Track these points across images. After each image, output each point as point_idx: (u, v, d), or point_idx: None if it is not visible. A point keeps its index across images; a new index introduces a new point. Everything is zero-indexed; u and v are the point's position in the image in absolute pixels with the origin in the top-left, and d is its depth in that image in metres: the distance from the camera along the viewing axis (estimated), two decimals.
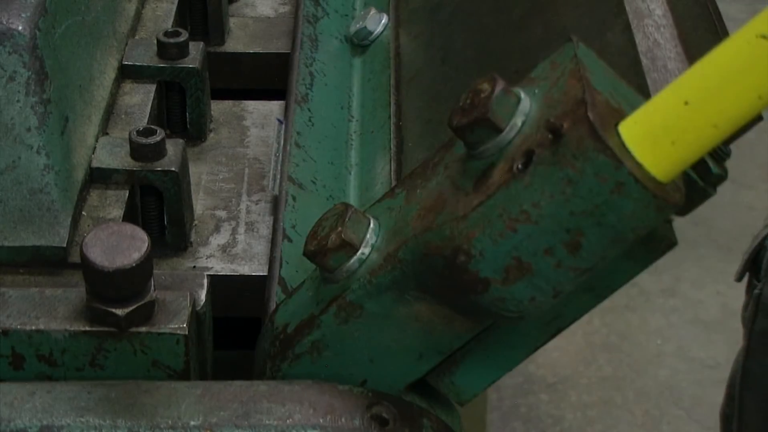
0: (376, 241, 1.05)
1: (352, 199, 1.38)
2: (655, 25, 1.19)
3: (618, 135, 0.94)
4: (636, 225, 0.94)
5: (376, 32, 1.57)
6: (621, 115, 0.96)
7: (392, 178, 1.34)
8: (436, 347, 1.06)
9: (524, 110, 0.98)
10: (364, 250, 1.05)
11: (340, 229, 1.05)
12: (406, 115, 1.38)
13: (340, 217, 1.06)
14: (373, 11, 1.59)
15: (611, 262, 0.98)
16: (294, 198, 1.32)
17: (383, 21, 1.58)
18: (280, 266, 1.24)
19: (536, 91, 0.99)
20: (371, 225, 1.06)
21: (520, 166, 0.95)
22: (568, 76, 0.97)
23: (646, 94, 1.10)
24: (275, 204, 1.34)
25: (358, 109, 1.50)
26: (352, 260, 1.05)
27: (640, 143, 0.93)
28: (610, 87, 0.99)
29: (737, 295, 2.07)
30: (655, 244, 1.03)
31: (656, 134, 0.93)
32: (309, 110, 1.45)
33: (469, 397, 1.10)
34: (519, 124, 0.98)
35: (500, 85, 0.98)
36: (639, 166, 0.93)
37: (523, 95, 0.99)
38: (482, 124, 0.98)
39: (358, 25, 1.59)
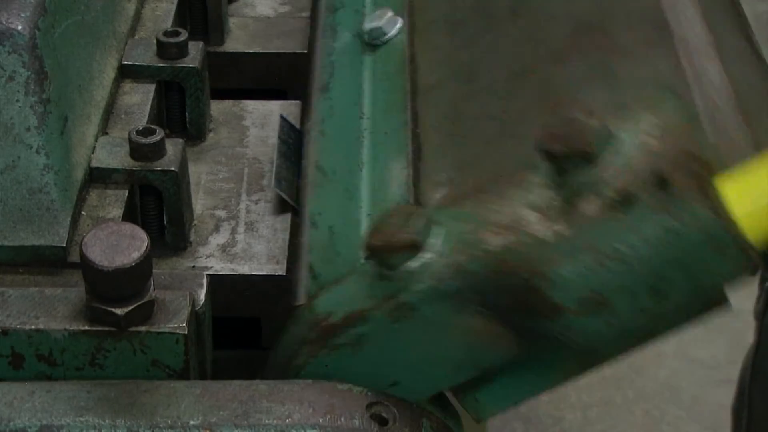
0: (441, 247, 1.05)
1: (364, 196, 1.38)
2: (714, 88, 1.18)
3: (720, 192, 0.96)
4: (720, 282, 0.97)
5: (390, 34, 1.56)
6: (713, 170, 0.97)
7: (410, 184, 1.33)
8: (476, 361, 1.06)
9: (619, 148, 0.99)
10: (430, 254, 1.05)
11: (410, 228, 1.05)
12: (424, 125, 1.36)
13: (409, 217, 1.06)
14: (390, 13, 1.58)
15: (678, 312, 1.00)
16: (319, 185, 1.31)
17: (398, 24, 1.57)
18: (309, 253, 1.23)
19: (633, 131, 1.01)
20: (439, 230, 1.06)
21: (616, 204, 0.97)
22: (671, 124, 0.99)
23: None
24: (301, 189, 1.33)
25: (369, 107, 1.49)
26: (416, 262, 1.05)
27: (743, 204, 0.95)
28: (703, 140, 1.00)
29: (737, 294, 2.06)
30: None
31: (759, 197, 0.95)
32: (330, 98, 1.44)
33: (488, 416, 1.10)
34: (613, 160, 0.99)
35: (598, 119, 0.99)
36: (739, 226, 0.95)
37: (618, 132, 1.00)
38: (577, 155, 0.99)
39: (373, 24, 1.58)
